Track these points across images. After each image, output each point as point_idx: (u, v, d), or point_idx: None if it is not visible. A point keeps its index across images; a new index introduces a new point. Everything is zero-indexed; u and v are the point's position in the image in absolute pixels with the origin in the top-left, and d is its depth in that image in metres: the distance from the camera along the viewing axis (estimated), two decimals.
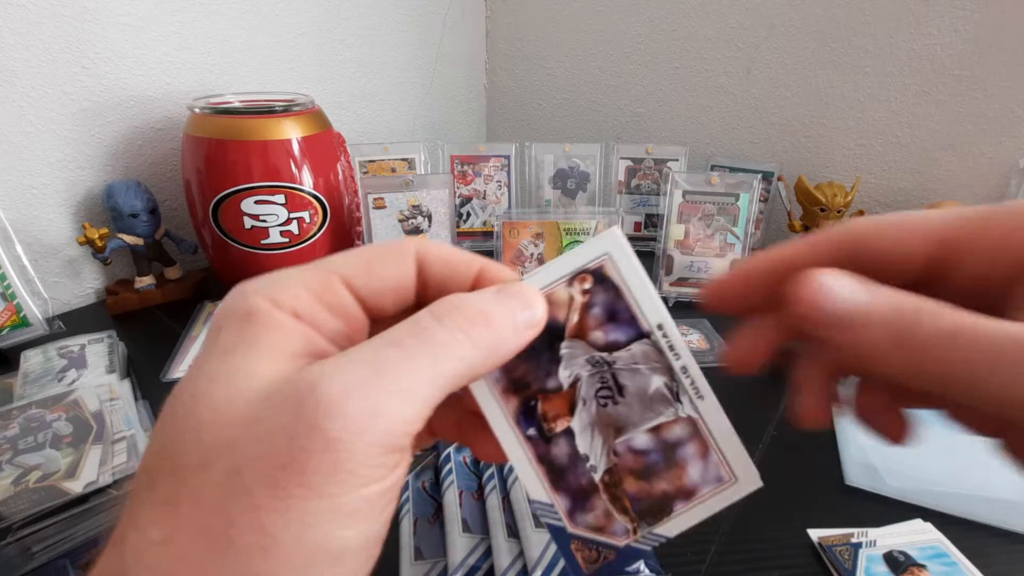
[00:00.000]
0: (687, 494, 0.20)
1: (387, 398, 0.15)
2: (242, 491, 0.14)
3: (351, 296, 0.18)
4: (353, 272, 0.18)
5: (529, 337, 0.18)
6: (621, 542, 0.19)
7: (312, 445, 0.14)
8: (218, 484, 0.14)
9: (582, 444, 0.20)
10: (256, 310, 0.16)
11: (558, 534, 0.20)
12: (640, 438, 0.20)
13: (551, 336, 0.19)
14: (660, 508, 0.20)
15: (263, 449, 0.14)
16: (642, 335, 0.19)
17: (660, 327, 0.19)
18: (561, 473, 0.20)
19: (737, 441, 0.20)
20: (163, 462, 0.15)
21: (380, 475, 0.15)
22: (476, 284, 0.19)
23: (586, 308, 0.19)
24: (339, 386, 0.14)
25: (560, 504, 0.20)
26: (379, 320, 0.19)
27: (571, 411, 0.20)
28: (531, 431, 0.19)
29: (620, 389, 0.20)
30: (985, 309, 0.16)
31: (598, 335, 0.19)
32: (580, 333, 0.20)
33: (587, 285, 0.19)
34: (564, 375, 0.20)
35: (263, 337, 0.16)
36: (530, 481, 0.20)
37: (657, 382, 0.20)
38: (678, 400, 0.20)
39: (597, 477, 0.20)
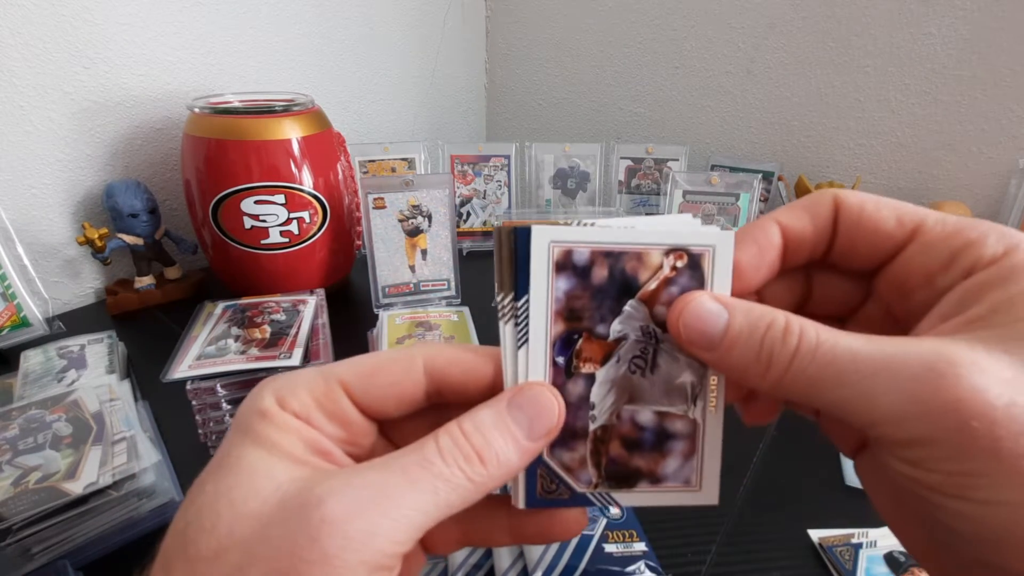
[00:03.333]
0: (655, 479, 0.21)
1: (385, 522, 0.16)
2: None
3: (350, 404, 0.19)
4: (355, 381, 0.19)
5: (541, 447, 0.19)
6: (580, 488, 0.21)
7: (311, 556, 0.15)
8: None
9: (596, 394, 0.20)
10: (268, 409, 0.18)
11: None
12: (645, 415, 0.21)
13: (624, 289, 0.20)
14: (626, 479, 0.21)
15: (269, 552, 0.15)
16: None
17: None
18: (565, 408, 0.20)
19: (719, 459, 0.21)
20: (180, 549, 0.16)
21: None
22: (496, 384, 0.20)
23: (666, 283, 0.20)
24: (343, 506, 0.16)
25: None
26: (388, 422, 0.20)
27: (603, 361, 0.20)
28: (560, 359, 0.20)
29: (654, 366, 0.20)
30: (918, 310, 0.18)
31: (663, 311, 0.20)
32: (649, 300, 0.20)
33: (680, 264, 0.20)
34: (616, 328, 0.20)
35: (272, 435, 0.18)
36: None
37: (686, 378, 0.20)
38: (693, 403, 0.20)
39: (592, 427, 0.20)
